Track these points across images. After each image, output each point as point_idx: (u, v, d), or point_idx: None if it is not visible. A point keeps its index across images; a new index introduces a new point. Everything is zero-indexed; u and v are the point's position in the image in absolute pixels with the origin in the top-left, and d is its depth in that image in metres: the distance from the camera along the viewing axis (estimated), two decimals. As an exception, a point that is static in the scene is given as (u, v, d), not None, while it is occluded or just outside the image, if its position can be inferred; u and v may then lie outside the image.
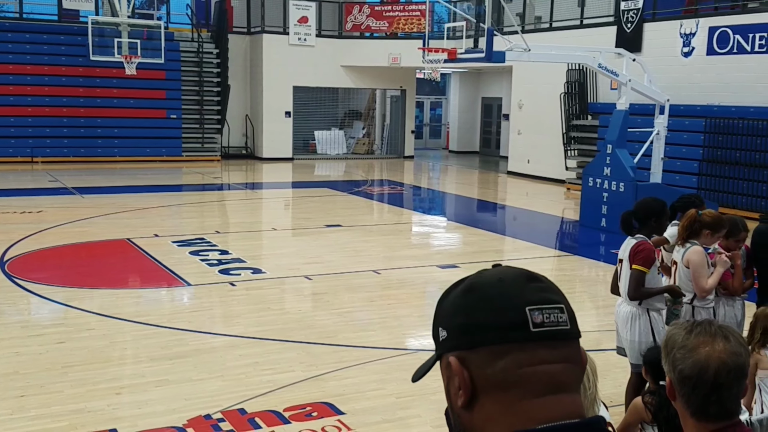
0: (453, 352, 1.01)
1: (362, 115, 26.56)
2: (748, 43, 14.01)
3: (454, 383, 1.01)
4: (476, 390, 0.99)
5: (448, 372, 1.02)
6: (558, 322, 0.99)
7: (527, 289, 1.00)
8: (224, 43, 22.21)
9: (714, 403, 1.89)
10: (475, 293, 1.02)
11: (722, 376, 1.91)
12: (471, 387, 0.99)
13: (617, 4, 17.04)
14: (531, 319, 0.97)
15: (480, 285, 1.02)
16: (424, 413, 5.09)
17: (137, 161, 20.49)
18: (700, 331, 1.98)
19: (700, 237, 4.77)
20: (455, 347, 1.01)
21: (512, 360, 0.97)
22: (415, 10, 22.67)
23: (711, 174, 14.18)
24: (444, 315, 1.04)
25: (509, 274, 1.03)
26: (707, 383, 1.89)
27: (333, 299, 8.00)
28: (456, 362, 0.99)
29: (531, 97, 19.75)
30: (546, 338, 0.98)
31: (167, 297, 8.21)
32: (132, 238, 10.67)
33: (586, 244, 11.94)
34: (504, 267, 1.06)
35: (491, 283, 1.02)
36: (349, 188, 17.61)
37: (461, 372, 0.99)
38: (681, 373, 1.93)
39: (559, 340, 0.99)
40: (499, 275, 1.03)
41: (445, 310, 1.05)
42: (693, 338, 1.95)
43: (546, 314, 0.98)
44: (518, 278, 1.01)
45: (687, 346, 1.94)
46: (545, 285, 1.02)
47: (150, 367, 5.84)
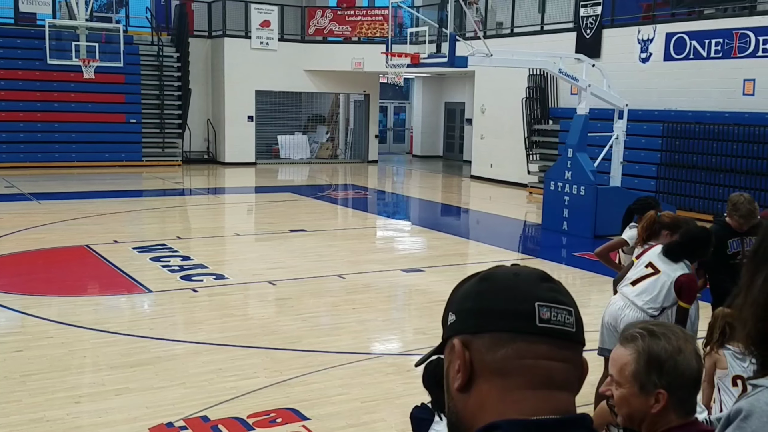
0: (458, 336, 1.03)
1: (326, 120, 26.51)
2: (704, 48, 14.32)
3: (454, 366, 1.03)
4: (474, 374, 1.02)
5: (450, 356, 1.05)
6: (564, 323, 1.01)
7: (540, 286, 1.03)
8: (185, 46, 21.98)
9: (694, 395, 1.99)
10: (490, 282, 1.05)
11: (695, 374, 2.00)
12: (470, 370, 1.02)
13: (577, 10, 17.29)
14: (538, 313, 1.00)
15: (495, 276, 1.06)
16: (389, 417, 5.08)
17: (96, 167, 20.15)
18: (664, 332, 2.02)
19: (659, 238, 4.84)
20: (461, 330, 1.04)
21: (514, 350, 1.00)
22: (378, 14, 22.72)
23: (669, 177, 14.44)
24: (456, 300, 1.07)
25: (525, 271, 1.06)
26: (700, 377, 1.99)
27: (297, 304, 7.95)
28: (459, 344, 1.02)
29: (493, 101, 19.92)
30: (550, 335, 1.00)
31: (127, 304, 8.08)
32: (91, 244, 10.48)
33: (548, 247, 12.06)
34: (521, 266, 1.09)
35: (506, 276, 1.05)
36: (313, 193, 17.55)
37: (462, 354, 1.02)
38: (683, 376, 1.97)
39: (563, 339, 1.01)
40: (516, 271, 1.06)
41: (458, 296, 1.08)
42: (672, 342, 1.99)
43: (554, 312, 1.01)
44: (533, 276, 1.05)
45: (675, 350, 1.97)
46: (558, 287, 1.05)
47: (110, 375, 5.73)
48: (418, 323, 7.55)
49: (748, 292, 1.27)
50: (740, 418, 1.18)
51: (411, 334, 7.24)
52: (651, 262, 4.67)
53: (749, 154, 13.06)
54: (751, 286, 1.27)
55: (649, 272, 4.63)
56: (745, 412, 1.17)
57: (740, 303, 1.30)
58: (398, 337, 7.17)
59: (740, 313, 1.30)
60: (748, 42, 13.46)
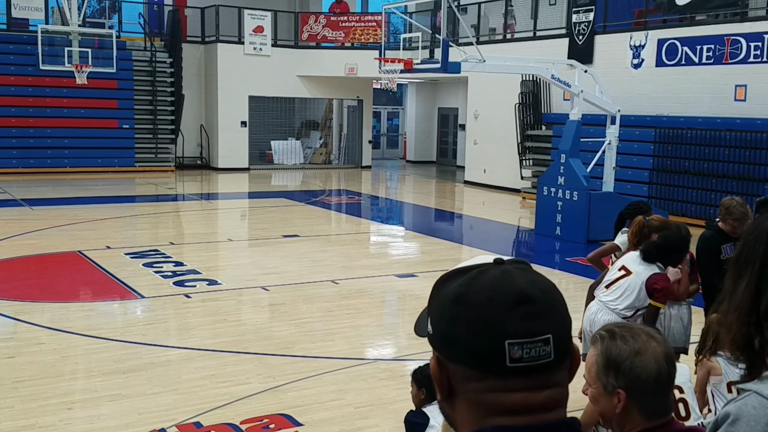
0: (435, 351, 1.02)
1: (319, 125, 26.52)
2: (695, 54, 14.39)
3: (435, 375, 1.02)
4: (452, 391, 1.00)
5: (433, 361, 1.04)
6: (539, 356, 0.95)
7: (515, 314, 0.95)
8: (178, 52, 21.96)
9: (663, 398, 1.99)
10: (463, 308, 0.98)
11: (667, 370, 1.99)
12: (448, 387, 1.00)
13: (569, 16, 17.36)
14: (509, 353, 0.94)
15: (469, 299, 0.98)
16: (383, 423, 5.08)
17: (88, 172, 20.10)
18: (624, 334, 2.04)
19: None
20: (437, 349, 1.02)
21: (486, 385, 0.96)
22: (371, 20, 22.76)
23: (661, 183, 14.50)
24: (434, 310, 1.03)
25: (502, 290, 0.97)
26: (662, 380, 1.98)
27: (291, 310, 7.94)
28: (434, 362, 1.01)
29: (486, 107, 19.97)
30: (522, 373, 0.95)
31: (120, 310, 8.05)
32: (83, 250, 10.45)
33: (541, 252, 12.08)
34: (501, 275, 0.99)
35: (479, 302, 0.97)
36: (306, 198, 17.54)
37: (437, 373, 1.01)
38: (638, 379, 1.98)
39: (539, 372, 0.96)
40: (490, 292, 0.97)
41: (437, 305, 1.03)
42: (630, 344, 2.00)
43: (527, 349, 0.94)
44: (508, 300, 0.96)
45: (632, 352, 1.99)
46: (536, 309, 0.96)
47: (102, 381, 5.71)
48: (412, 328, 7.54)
49: (731, 298, 1.28)
50: (728, 423, 1.18)
51: (405, 339, 7.23)
52: (624, 265, 4.77)
53: (741, 160, 13.12)
54: (735, 292, 1.27)
55: (622, 274, 4.71)
56: (733, 416, 1.18)
57: (724, 308, 1.31)
58: (392, 343, 7.17)
59: (725, 319, 1.30)
60: (739, 48, 13.55)
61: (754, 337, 1.24)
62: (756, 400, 1.17)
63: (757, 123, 13.06)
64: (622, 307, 4.66)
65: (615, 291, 4.71)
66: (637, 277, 4.62)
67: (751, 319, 1.24)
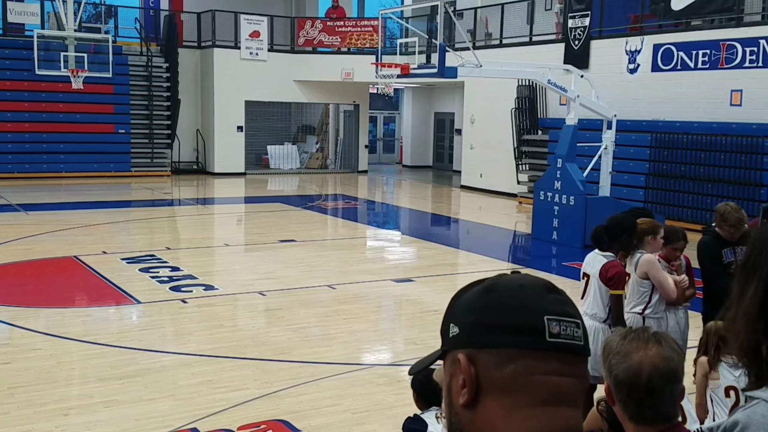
0: (462, 350, 1.00)
1: (315, 130, 26.51)
2: (691, 60, 14.43)
3: (457, 381, 1.00)
4: (480, 390, 0.98)
5: (452, 369, 1.01)
6: (573, 336, 0.99)
7: (547, 298, 1.00)
8: (174, 57, 21.95)
9: (649, 407, 1.96)
10: (495, 294, 1.01)
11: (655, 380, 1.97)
12: (476, 386, 0.98)
13: (565, 21, 17.40)
14: (548, 328, 0.97)
15: (500, 287, 1.01)
16: (380, 428, 5.06)
17: (84, 177, 20.05)
18: (634, 337, 2.04)
19: (644, 245, 4.88)
20: (466, 344, 1.00)
21: (523, 366, 0.97)
22: (367, 25, 22.78)
23: (657, 187, 14.52)
24: (458, 312, 1.03)
25: (530, 281, 1.02)
26: (641, 387, 1.95)
27: (287, 315, 7.92)
28: (465, 359, 0.99)
29: (483, 112, 19.99)
30: (560, 350, 0.97)
31: (116, 315, 8.02)
32: (79, 255, 10.42)
33: (538, 257, 12.09)
34: (524, 274, 1.05)
35: (511, 287, 1.01)
36: (302, 203, 17.53)
37: (469, 370, 0.98)
38: (616, 378, 1.99)
39: (572, 354, 0.98)
40: (520, 281, 1.02)
41: (460, 307, 1.03)
42: (627, 344, 2.01)
43: (563, 326, 0.98)
44: (539, 287, 1.01)
45: (621, 351, 2.00)
46: (564, 298, 1.01)
47: (98, 387, 5.69)
48: (409, 333, 7.54)
49: (739, 304, 1.27)
50: (737, 430, 1.18)
51: (402, 344, 7.22)
52: (583, 272, 4.88)
53: (737, 164, 13.15)
54: (742, 298, 1.27)
55: (585, 281, 4.84)
56: (742, 425, 1.17)
57: (732, 315, 1.30)
58: (389, 348, 7.15)
59: (733, 325, 1.29)
60: (735, 53, 13.58)
61: (762, 343, 1.24)
62: (765, 408, 1.17)
63: (752, 128, 13.10)
64: (595, 311, 4.75)
65: (586, 298, 4.82)
66: (593, 276, 4.74)
67: (759, 325, 1.23)
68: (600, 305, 4.71)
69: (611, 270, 4.63)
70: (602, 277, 4.65)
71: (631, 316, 4.83)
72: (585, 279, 4.85)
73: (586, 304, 4.81)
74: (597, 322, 4.73)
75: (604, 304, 4.70)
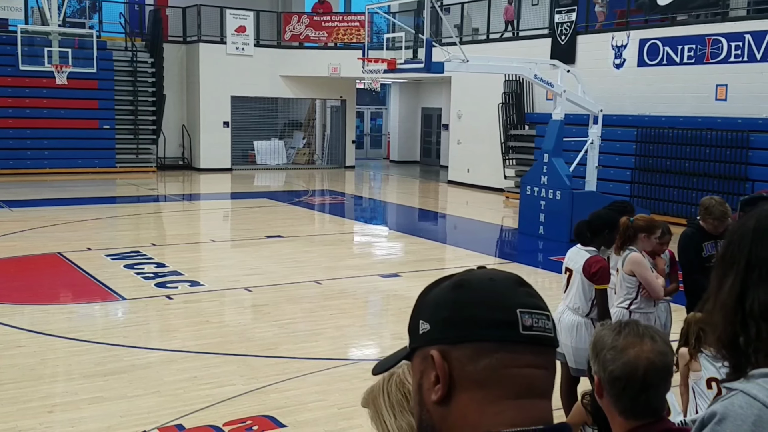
0: (434, 346, 0.99)
1: (302, 125, 26.44)
2: (677, 54, 14.49)
3: (429, 377, 0.99)
4: (454, 385, 0.98)
5: (423, 366, 1.01)
6: (545, 329, 0.99)
7: (518, 292, 1.00)
8: (159, 52, 21.81)
9: (642, 402, 1.96)
10: (466, 289, 1.01)
11: (651, 376, 1.97)
12: (449, 382, 0.98)
13: (551, 16, 17.42)
14: (521, 321, 0.97)
15: (471, 282, 1.02)
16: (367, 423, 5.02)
17: (69, 173, 19.90)
18: (629, 332, 2.03)
19: (636, 242, 4.88)
20: (438, 341, 0.99)
21: (497, 359, 0.97)
22: (354, 20, 22.72)
23: (643, 182, 14.58)
24: (428, 308, 1.02)
25: (500, 275, 1.03)
26: (637, 383, 1.95)
27: (274, 311, 7.89)
28: (438, 355, 0.98)
29: (470, 107, 20.00)
30: (533, 342, 0.98)
31: (101, 312, 7.97)
32: (64, 251, 10.33)
33: (524, 252, 12.11)
34: (493, 269, 1.05)
35: (482, 282, 1.01)
36: (289, 199, 17.48)
37: (442, 366, 0.98)
38: (611, 374, 1.98)
39: (544, 346, 0.99)
40: (490, 275, 1.02)
41: (430, 303, 1.03)
42: (622, 339, 2.00)
43: (535, 318, 0.98)
44: (509, 280, 1.02)
45: (617, 347, 2.00)
46: (533, 291, 1.02)
47: (83, 384, 5.64)
48: (396, 328, 7.53)
49: (717, 296, 1.28)
50: (715, 422, 1.18)
51: (389, 339, 7.21)
52: (566, 266, 4.89)
53: (722, 159, 13.23)
54: (720, 291, 1.28)
55: (568, 275, 4.86)
56: (720, 416, 1.17)
57: (710, 307, 1.30)
58: (376, 343, 7.14)
59: (710, 318, 1.30)
60: (720, 48, 13.65)
61: (739, 335, 1.24)
62: (743, 399, 1.17)
63: (738, 122, 13.17)
64: (578, 305, 4.77)
65: (569, 293, 4.85)
66: (577, 271, 4.76)
67: (737, 317, 1.24)
68: (583, 300, 4.72)
69: (595, 265, 4.64)
70: (586, 272, 4.66)
71: (618, 311, 4.84)
72: (567, 274, 4.86)
73: (569, 298, 4.83)
74: (580, 316, 4.75)
75: (587, 299, 4.71)
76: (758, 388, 1.17)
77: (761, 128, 12.94)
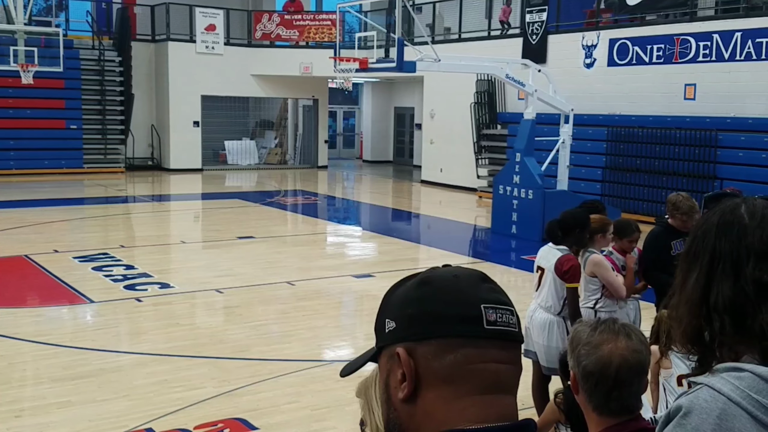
0: (400, 344, 0.99)
1: (274, 125, 26.29)
2: (646, 54, 14.63)
3: (395, 376, 0.99)
4: (420, 383, 0.98)
5: (389, 364, 1.01)
6: (509, 323, 1.00)
7: (482, 288, 1.01)
8: (127, 50, 21.54)
9: (615, 399, 1.98)
10: (430, 286, 1.01)
11: (623, 372, 1.99)
12: (415, 379, 0.98)
13: (523, 16, 17.50)
14: (485, 316, 0.98)
15: (435, 279, 1.02)
16: (340, 424, 5.01)
17: (35, 174, 19.55)
18: (604, 329, 2.05)
19: (594, 243, 4.91)
20: (404, 338, 0.99)
21: (463, 355, 0.97)
22: (326, 19, 22.64)
23: (613, 181, 14.71)
24: (393, 306, 1.03)
25: (464, 272, 1.04)
26: (609, 379, 1.97)
27: (246, 312, 7.81)
28: (404, 352, 0.98)
29: (442, 106, 20.03)
30: (498, 337, 0.99)
31: (69, 315, 7.83)
32: (30, 254, 10.14)
33: (497, 251, 12.14)
34: (456, 266, 1.06)
35: (446, 278, 1.02)
36: (261, 199, 17.35)
37: (408, 363, 0.98)
38: (585, 369, 2.00)
39: (509, 341, 1.00)
40: (454, 272, 1.03)
41: (395, 302, 1.04)
42: (597, 335, 2.03)
43: (499, 314, 0.99)
44: (473, 277, 1.03)
45: (591, 342, 2.02)
46: (497, 287, 1.03)
47: (51, 388, 5.54)
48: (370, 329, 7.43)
49: (682, 291, 1.30)
50: (680, 415, 1.19)
51: (362, 340, 7.16)
52: (538, 265, 4.92)
53: (690, 157, 13.39)
54: (685, 285, 1.29)
55: (540, 274, 4.89)
56: (685, 409, 1.18)
57: (675, 302, 1.32)
58: (349, 344, 7.10)
59: (675, 312, 1.32)
60: (688, 47, 13.82)
61: (704, 329, 1.26)
62: (707, 393, 1.18)
63: (706, 121, 13.34)
64: (550, 303, 4.79)
65: (540, 291, 4.87)
66: (549, 270, 4.78)
67: (701, 311, 1.25)
68: (555, 298, 4.74)
69: (566, 263, 4.66)
70: (558, 270, 4.68)
71: (584, 311, 4.86)
72: (539, 272, 4.88)
73: (541, 297, 4.85)
74: (551, 314, 4.76)
75: (558, 297, 4.73)
76: (723, 382, 1.17)
77: (729, 127, 13.12)
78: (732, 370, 1.19)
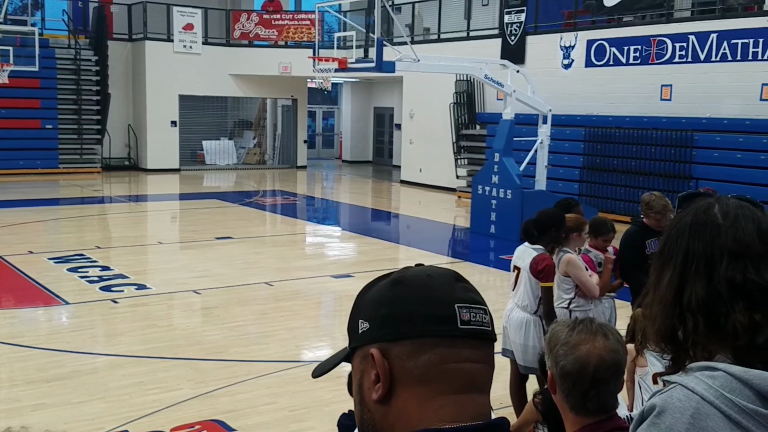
0: (374, 344, 0.99)
1: (253, 125, 26.17)
2: (623, 55, 14.75)
3: (369, 376, 0.99)
4: (394, 383, 0.98)
5: (363, 365, 1.00)
6: (482, 323, 1.00)
7: (455, 287, 1.01)
8: (104, 50, 21.34)
9: (592, 398, 2.00)
10: (404, 286, 1.01)
11: (601, 372, 2.00)
12: (390, 379, 0.97)
13: (501, 17, 17.57)
14: (459, 315, 0.98)
15: (408, 279, 1.02)
16: (318, 425, 4.98)
17: (10, 174, 19.30)
18: (582, 329, 2.06)
19: (569, 242, 4.93)
20: (378, 338, 0.99)
21: (437, 355, 0.97)
22: (305, 19, 22.58)
23: (591, 181, 14.81)
24: (366, 307, 1.02)
25: (437, 271, 1.03)
26: (587, 379, 1.98)
27: (223, 313, 7.76)
28: (378, 353, 0.97)
29: (422, 107, 20.05)
30: (471, 336, 0.98)
31: (44, 317, 7.72)
32: (4, 255, 10.00)
33: (476, 251, 12.18)
34: (430, 266, 1.06)
35: (420, 278, 1.02)
36: (240, 199, 17.25)
37: (382, 364, 0.97)
38: (563, 369, 2.01)
39: (482, 340, 1.00)
40: (428, 272, 1.03)
41: (368, 302, 1.03)
42: (575, 335, 2.03)
43: (473, 313, 0.99)
44: (446, 276, 1.03)
45: (569, 342, 2.02)
46: (470, 287, 1.03)
47: (26, 390, 5.47)
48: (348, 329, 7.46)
49: (656, 291, 1.30)
50: (654, 414, 1.19)
51: (341, 340, 7.14)
52: (514, 264, 4.95)
53: (667, 158, 13.51)
54: (658, 285, 1.30)
55: (516, 274, 4.91)
56: (659, 408, 1.19)
57: (649, 301, 1.33)
58: (328, 344, 7.07)
59: (649, 311, 1.32)
60: (665, 48, 13.94)
61: (678, 328, 1.26)
62: (681, 392, 1.18)
63: (682, 122, 13.47)
64: (526, 302, 4.82)
65: (517, 290, 4.90)
66: (524, 269, 4.81)
67: (675, 310, 1.26)
68: (530, 297, 4.76)
69: (541, 263, 4.69)
70: (533, 269, 4.70)
71: (558, 311, 4.88)
72: (516, 272, 4.91)
73: (517, 296, 4.87)
74: (528, 313, 4.78)
75: (534, 296, 4.76)
76: (696, 381, 1.18)
77: (705, 127, 13.26)
78: (705, 369, 1.19)
